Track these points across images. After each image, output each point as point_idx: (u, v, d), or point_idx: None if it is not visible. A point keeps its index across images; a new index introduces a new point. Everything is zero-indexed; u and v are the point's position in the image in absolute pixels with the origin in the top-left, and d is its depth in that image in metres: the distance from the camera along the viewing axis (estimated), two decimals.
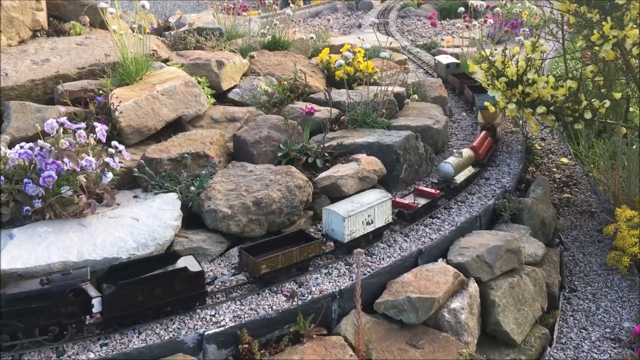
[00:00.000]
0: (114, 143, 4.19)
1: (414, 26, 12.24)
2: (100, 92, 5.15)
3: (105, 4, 5.49)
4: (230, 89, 6.13)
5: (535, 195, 5.09)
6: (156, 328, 3.27)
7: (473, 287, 3.90)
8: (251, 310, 3.44)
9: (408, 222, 4.45)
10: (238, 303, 3.50)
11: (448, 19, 12.56)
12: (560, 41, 6.08)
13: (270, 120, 5.17)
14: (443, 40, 10.43)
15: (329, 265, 3.89)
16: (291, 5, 9.27)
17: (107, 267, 3.43)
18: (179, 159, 4.51)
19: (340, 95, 6.10)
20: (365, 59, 6.53)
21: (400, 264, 3.92)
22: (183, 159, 4.49)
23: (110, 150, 4.12)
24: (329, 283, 3.70)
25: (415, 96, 6.52)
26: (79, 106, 5.01)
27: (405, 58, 8.79)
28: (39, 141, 3.90)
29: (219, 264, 3.91)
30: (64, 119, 4.00)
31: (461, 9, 9.47)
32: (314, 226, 4.39)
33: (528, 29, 8.92)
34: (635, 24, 4.78)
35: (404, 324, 3.59)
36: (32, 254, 3.48)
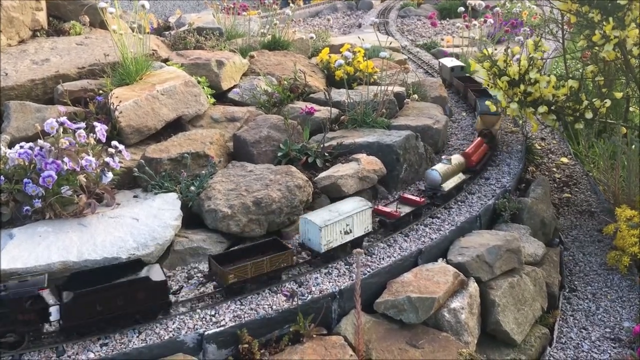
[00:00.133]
0: (114, 143, 4.18)
1: (413, 26, 12.24)
2: (100, 92, 5.15)
3: (105, 4, 5.49)
4: (230, 89, 6.13)
5: (535, 195, 5.09)
6: (156, 328, 3.27)
7: (473, 287, 3.90)
8: (251, 310, 3.44)
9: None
10: (238, 303, 3.50)
11: (448, 19, 12.55)
12: (560, 41, 6.07)
13: (270, 120, 5.17)
14: (443, 40, 10.43)
15: (329, 266, 3.89)
16: (291, 5, 9.26)
17: (69, 274, 3.32)
18: (179, 158, 4.51)
19: (340, 95, 6.09)
20: (365, 58, 6.52)
21: (400, 263, 3.92)
22: (183, 159, 4.49)
23: (110, 150, 4.12)
24: (329, 283, 3.70)
25: (415, 96, 6.52)
26: (78, 106, 5.01)
27: (405, 58, 8.80)
28: (39, 141, 3.90)
29: None
30: (63, 119, 4.00)
31: (461, 9, 9.47)
32: None
33: (528, 29, 8.91)
34: (636, 24, 4.78)
35: (404, 323, 3.59)
36: (32, 253, 3.48)
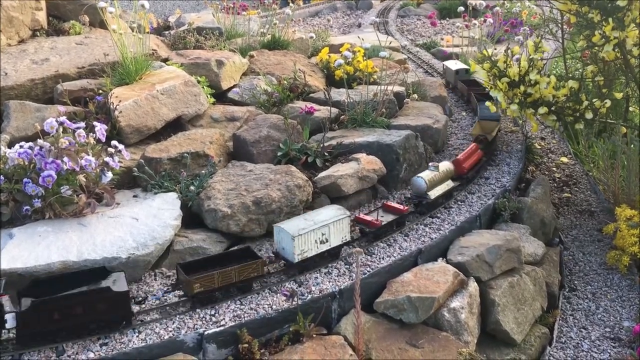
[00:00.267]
0: (114, 142, 4.18)
1: (413, 25, 12.23)
2: (100, 92, 5.14)
3: (104, 4, 5.48)
4: (230, 89, 6.13)
5: (535, 195, 5.08)
6: (156, 327, 3.27)
7: (473, 287, 3.90)
8: (251, 309, 3.44)
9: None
10: (238, 303, 3.50)
11: (448, 19, 12.54)
12: (560, 41, 6.08)
13: (270, 120, 5.16)
14: (443, 39, 10.42)
15: (329, 265, 3.89)
16: (291, 4, 9.26)
17: (31, 280, 3.26)
18: (178, 158, 4.51)
19: (339, 94, 6.09)
20: (364, 58, 6.52)
21: (400, 263, 3.92)
22: (183, 159, 4.49)
23: (110, 150, 4.12)
24: (329, 282, 3.70)
25: (415, 95, 6.51)
26: (78, 106, 5.00)
27: (404, 57, 8.79)
28: (39, 140, 3.90)
29: None
30: (63, 119, 4.00)
31: (461, 9, 9.46)
32: None
33: (528, 28, 8.90)
34: (635, 24, 4.78)
35: (404, 323, 3.59)
36: (32, 253, 3.48)
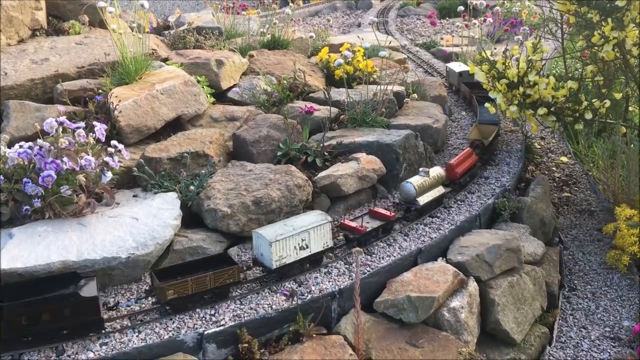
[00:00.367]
0: (114, 142, 4.18)
1: (413, 25, 12.24)
2: (100, 92, 5.14)
3: (104, 3, 5.47)
4: (229, 88, 6.13)
5: (534, 194, 5.09)
6: (155, 327, 3.27)
7: (473, 286, 3.90)
8: (251, 309, 3.44)
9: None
10: (238, 302, 3.50)
11: (447, 18, 12.55)
12: (560, 40, 6.08)
13: (270, 120, 5.16)
14: (442, 39, 10.43)
15: (329, 265, 3.89)
16: (290, 4, 9.26)
17: (1, 285, 3.20)
18: (178, 158, 4.51)
19: (339, 94, 6.09)
20: (364, 58, 6.52)
21: (399, 263, 3.92)
22: (182, 158, 4.49)
23: (110, 150, 4.11)
24: (329, 282, 3.70)
25: (415, 95, 6.51)
26: (78, 105, 5.00)
27: (404, 57, 8.79)
28: (39, 140, 3.89)
29: None
30: (63, 118, 3.99)
31: (461, 8, 9.46)
32: None
33: (528, 28, 8.91)
34: (635, 24, 4.78)
35: (404, 323, 3.59)
36: (32, 253, 3.47)
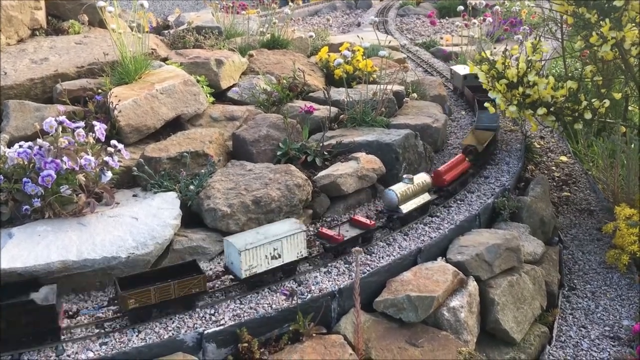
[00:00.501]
0: (113, 142, 4.18)
1: (413, 25, 12.24)
2: (99, 91, 5.15)
3: (104, 3, 5.47)
4: (229, 88, 6.13)
5: (534, 194, 5.09)
6: (155, 327, 3.27)
7: (472, 286, 3.90)
8: (251, 309, 3.44)
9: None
10: (238, 302, 3.51)
11: (447, 18, 12.55)
12: (560, 40, 6.07)
13: (270, 119, 5.16)
14: (442, 38, 10.43)
15: (328, 264, 3.89)
16: (290, 3, 9.25)
17: None
18: (178, 157, 4.51)
19: (339, 93, 6.09)
20: (364, 57, 6.52)
21: (399, 262, 3.92)
22: (182, 158, 4.49)
23: (110, 149, 4.12)
24: (329, 282, 3.70)
25: (415, 95, 6.51)
26: (78, 105, 5.01)
27: (404, 57, 8.80)
28: (38, 140, 3.90)
29: (218, 263, 3.91)
30: (63, 118, 4.00)
31: (460, 8, 9.48)
32: (312, 224, 4.40)
33: (527, 28, 8.91)
34: (633, 24, 4.78)
35: (404, 322, 3.59)
36: (32, 253, 3.48)
